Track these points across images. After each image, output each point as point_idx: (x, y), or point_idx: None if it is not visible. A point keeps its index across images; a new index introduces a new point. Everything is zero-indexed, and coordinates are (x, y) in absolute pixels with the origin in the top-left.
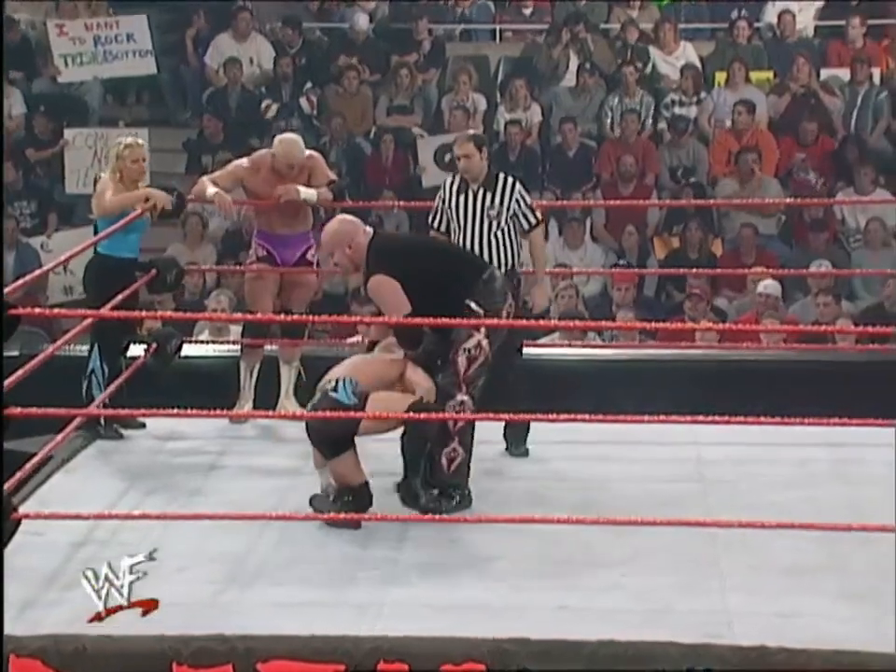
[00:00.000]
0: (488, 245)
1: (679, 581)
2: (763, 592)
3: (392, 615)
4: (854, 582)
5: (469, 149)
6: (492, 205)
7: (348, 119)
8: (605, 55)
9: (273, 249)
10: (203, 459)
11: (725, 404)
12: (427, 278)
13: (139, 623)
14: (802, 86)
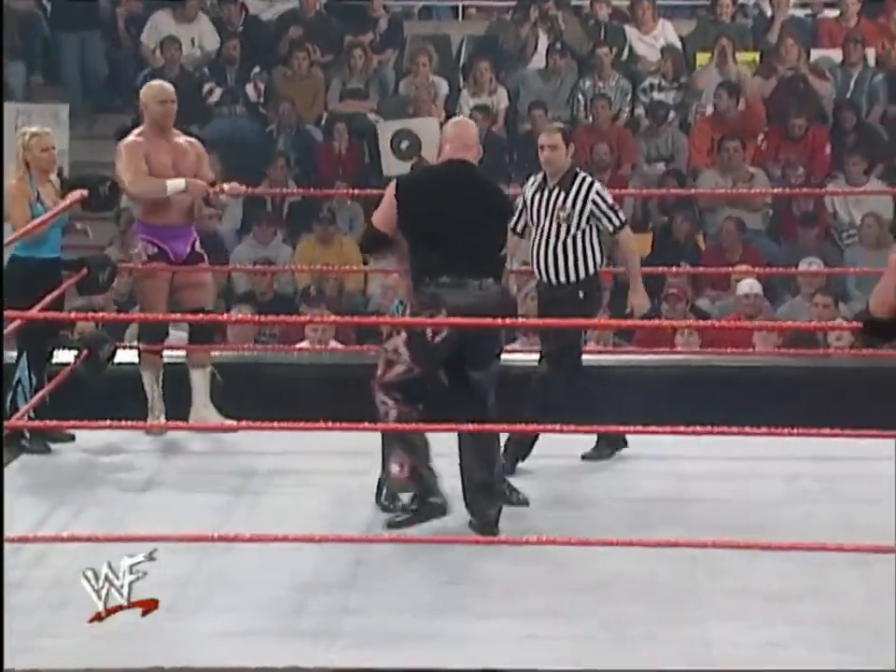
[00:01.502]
0: (554, 251)
1: (657, 606)
2: (747, 619)
3: (346, 645)
4: (845, 609)
5: (557, 140)
6: (563, 206)
7: (297, 104)
8: (577, 35)
9: (164, 244)
10: (139, 475)
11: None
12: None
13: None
14: (790, 68)
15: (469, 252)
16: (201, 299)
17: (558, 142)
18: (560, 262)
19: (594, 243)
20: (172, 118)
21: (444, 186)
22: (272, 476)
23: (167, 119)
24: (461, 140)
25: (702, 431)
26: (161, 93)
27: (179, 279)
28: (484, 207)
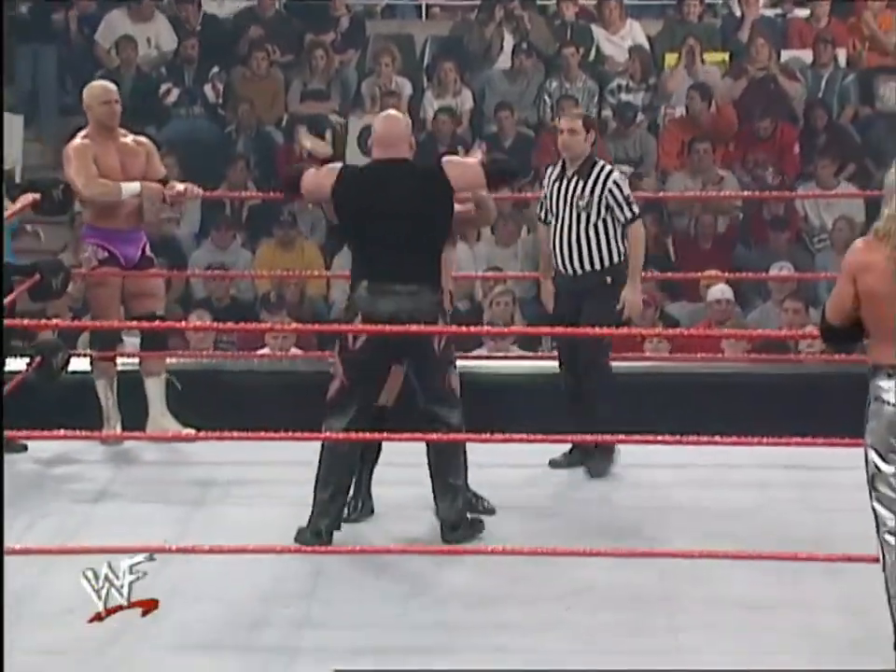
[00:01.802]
0: (577, 241)
1: (628, 617)
2: (720, 629)
3: (307, 661)
4: (819, 619)
5: (576, 125)
6: (581, 195)
7: (256, 105)
8: (543, 35)
9: (114, 248)
10: (93, 485)
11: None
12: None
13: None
14: (760, 68)
15: (391, 256)
16: (152, 305)
17: (577, 127)
18: (584, 251)
19: (616, 231)
20: (117, 118)
21: (370, 188)
22: (230, 486)
23: (112, 120)
24: (387, 138)
25: (671, 441)
26: (104, 94)
27: (130, 284)
28: (413, 209)
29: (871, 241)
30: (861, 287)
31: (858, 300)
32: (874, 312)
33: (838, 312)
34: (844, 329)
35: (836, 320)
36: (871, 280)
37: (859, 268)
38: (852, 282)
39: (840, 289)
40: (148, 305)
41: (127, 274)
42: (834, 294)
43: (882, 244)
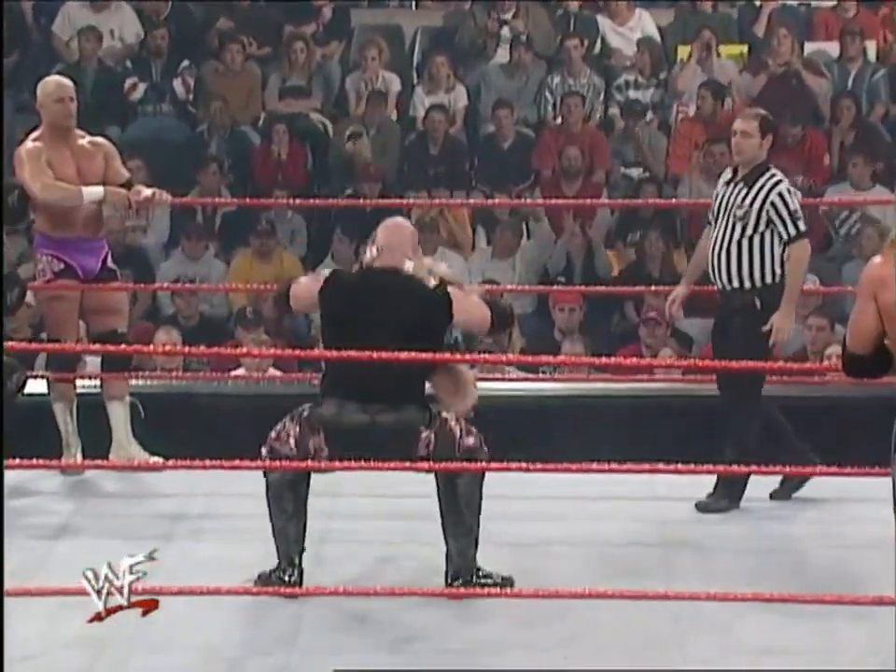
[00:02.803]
0: (727, 253)
1: (633, 665)
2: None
3: None
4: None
5: (751, 127)
6: (741, 204)
7: (231, 102)
8: (544, 26)
9: (71, 259)
10: (52, 519)
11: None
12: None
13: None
14: (782, 63)
15: (363, 375)
16: (114, 322)
17: (752, 129)
18: (732, 265)
19: (774, 248)
20: (72, 118)
21: (357, 298)
22: (202, 520)
23: (66, 120)
24: (389, 248)
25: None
26: (58, 90)
27: (90, 299)
28: (398, 327)
29: (887, 253)
30: (882, 305)
31: (881, 320)
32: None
33: (861, 338)
34: (869, 358)
35: (859, 349)
36: (891, 295)
37: (877, 284)
38: (873, 300)
39: (860, 312)
40: (110, 322)
41: (85, 288)
42: (854, 320)
43: None
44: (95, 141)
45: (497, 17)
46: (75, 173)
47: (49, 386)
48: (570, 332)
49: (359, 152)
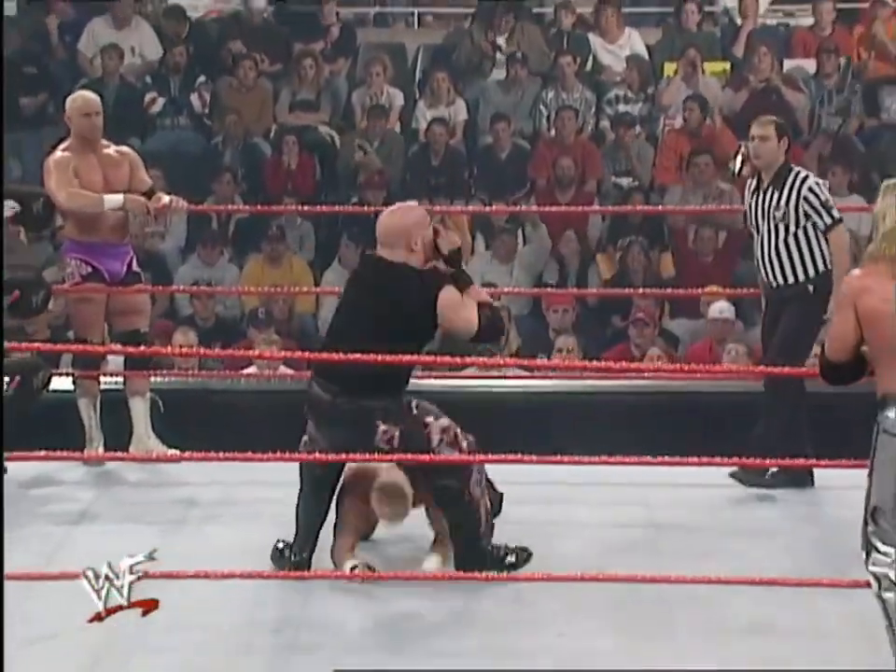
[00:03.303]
0: (777, 254)
1: (625, 642)
2: (722, 655)
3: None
4: (826, 643)
5: (768, 131)
6: (777, 205)
7: (244, 116)
8: (539, 44)
9: (98, 263)
10: (74, 507)
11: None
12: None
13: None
14: (762, 79)
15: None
16: (137, 322)
17: (769, 133)
18: (785, 263)
19: (818, 238)
20: (98, 131)
21: (349, 286)
22: (215, 507)
23: (92, 133)
24: (381, 236)
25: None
26: (85, 106)
27: (115, 301)
28: (374, 318)
29: (866, 266)
30: (863, 312)
31: (859, 328)
32: (878, 335)
33: (840, 347)
34: (846, 365)
35: (838, 356)
36: (872, 301)
37: (858, 292)
38: (852, 309)
39: (840, 322)
40: (133, 322)
41: (110, 290)
42: (834, 329)
43: (879, 264)
44: (121, 150)
45: (495, 36)
46: (101, 180)
47: (75, 383)
48: (563, 332)
49: (367, 163)
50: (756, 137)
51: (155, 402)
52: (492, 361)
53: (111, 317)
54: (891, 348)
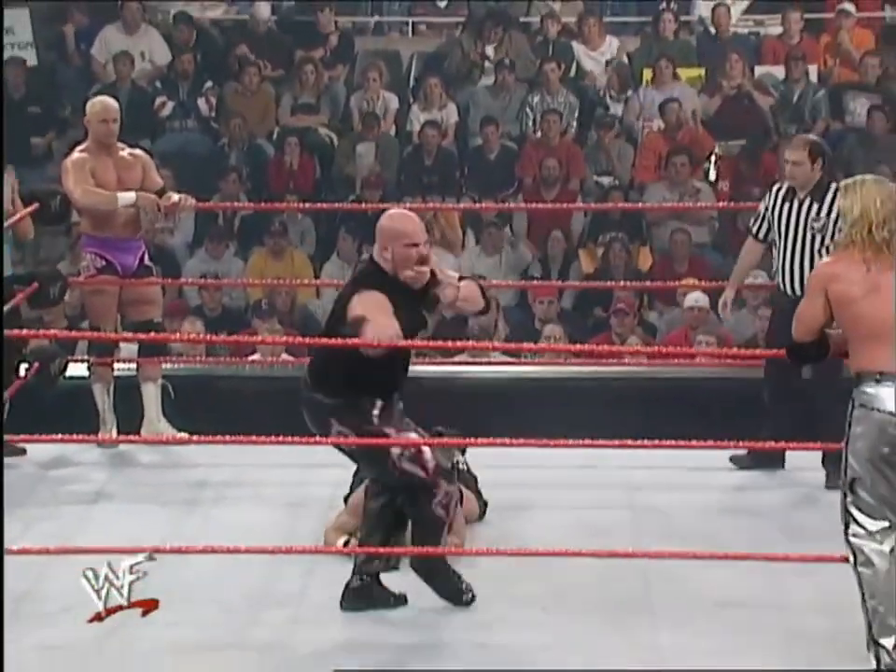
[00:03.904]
0: (811, 262)
1: (606, 616)
2: (696, 627)
3: (300, 657)
4: (792, 616)
5: (801, 156)
6: (817, 217)
7: (248, 118)
8: (525, 51)
9: (112, 257)
10: (90, 487)
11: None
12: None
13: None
14: (735, 85)
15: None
16: (149, 312)
17: (802, 158)
18: (808, 274)
19: None
20: (114, 136)
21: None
22: (223, 488)
23: (108, 138)
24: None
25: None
26: (103, 112)
27: (128, 292)
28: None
29: (835, 255)
30: (834, 296)
31: (828, 312)
32: (849, 318)
33: (808, 327)
34: (811, 345)
35: (803, 337)
36: (843, 287)
37: (828, 279)
38: (823, 294)
39: (810, 305)
40: (146, 312)
41: (123, 283)
42: (803, 312)
43: (848, 252)
44: (134, 153)
45: (484, 44)
46: (115, 180)
47: (90, 370)
48: (549, 321)
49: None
50: (790, 162)
51: (166, 388)
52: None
53: (124, 308)
54: (863, 330)
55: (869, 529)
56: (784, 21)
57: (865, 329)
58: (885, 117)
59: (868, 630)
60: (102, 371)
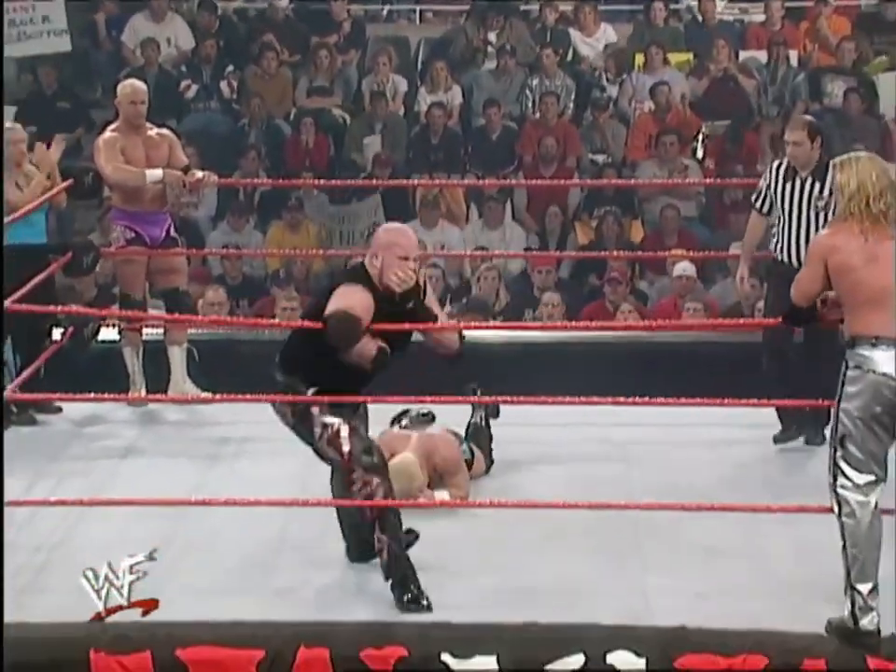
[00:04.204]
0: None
1: (600, 562)
2: (683, 573)
3: (313, 600)
4: (773, 563)
5: (800, 136)
6: (820, 196)
7: (267, 100)
8: (525, 37)
9: (141, 229)
10: (121, 443)
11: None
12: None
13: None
14: (721, 69)
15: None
16: (176, 280)
17: (801, 139)
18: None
19: None
20: (143, 117)
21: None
22: (244, 443)
23: (137, 119)
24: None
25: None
26: (134, 94)
27: (155, 262)
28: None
29: (834, 227)
30: (833, 266)
31: (825, 281)
32: (847, 286)
33: (806, 294)
34: (805, 310)
35: (800, 302)
36: (842, 256)
37: (828, 249)
38: (822, 264)
39: (810, 273)
40: (173, 280)
41: (150, 253)
42: (803, 280)
43: (846, 224)
44: (162, 132)
45: (487, 30)
46: (144, 158)
47: (120, 334)
48: (547, 289)
49: None
50: (790, 143)
51: (191, 352)
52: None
53: (152, 276)
54: (861, 297)
55: (856, 482)
56: (766, 8)
57: (863, 297)
58: (860, 98)
59: (847, 576)
60: (131, 335)
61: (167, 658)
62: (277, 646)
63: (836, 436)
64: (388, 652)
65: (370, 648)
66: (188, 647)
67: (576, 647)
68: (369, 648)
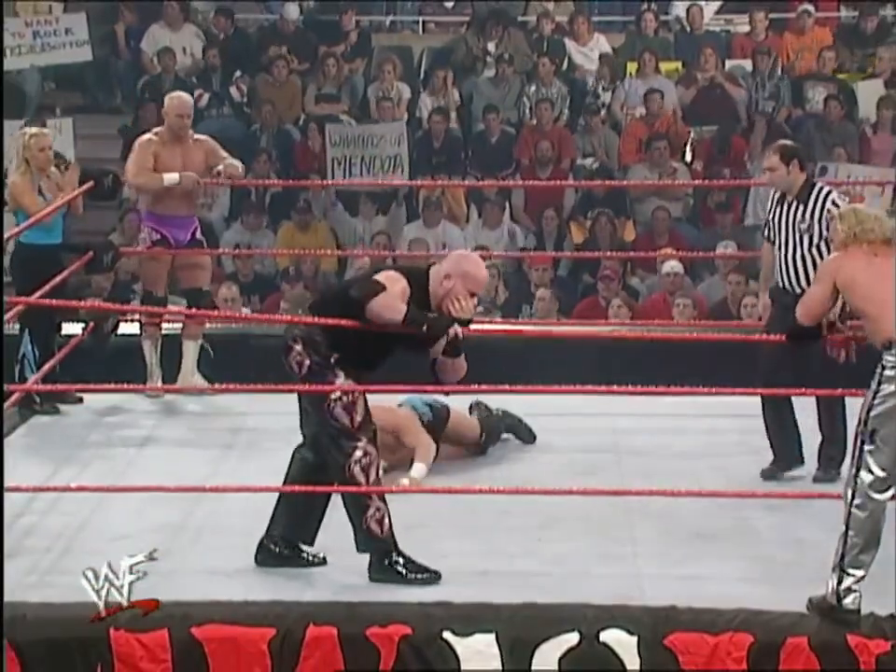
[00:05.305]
0: (802, 261)
1: (594, 546)
2: (673, 556)
3: (321, 582)
4: (758, 547)
5: (773, 162)
6: (802, 219)
7: (278, 106)
8: (522, 47)
9: (167, 231)
10: (139, 432)
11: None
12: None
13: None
14: (708, 77)
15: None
16: (198, 278)
17: (775, 164)
18: (801, 272)
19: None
20: (187, 129)
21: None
22: (257, 433)
23: (182, 130)
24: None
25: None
26: (180, 107)
27: (180, 261)
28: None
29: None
30: (843, 282)
31: (833, 300)
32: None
33: (814, 313)
34: (811, 328)
35: (807, 321)
36: (849, 272)
37: (836, 270)
38: (831, 283)
39: (818, 292)
40: (197, 278)
41: (172, 253)
42: (812, 299)
43: (852, 248)
44: (199, 138)
45: (486, 40)
46: (181, 166)
47: (140, 328)
48: (542, 286)
49: None
50: (766, 169)
51: (204, 347)
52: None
53: (177, 272)
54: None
55: (879, 477)
56: (751, 19)
57: (878, 302)
58: (840, 104)
59: (841, 559)
60: (150, 329)
61: (183, 636)
62: (288, 624)
63: (866, 430)
64: (393, 630)
65: (375, 626)
66: (203, 625)
67: (571, 625)
68: (374, 626)
